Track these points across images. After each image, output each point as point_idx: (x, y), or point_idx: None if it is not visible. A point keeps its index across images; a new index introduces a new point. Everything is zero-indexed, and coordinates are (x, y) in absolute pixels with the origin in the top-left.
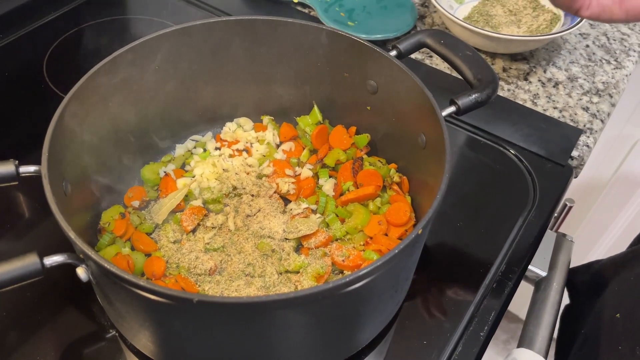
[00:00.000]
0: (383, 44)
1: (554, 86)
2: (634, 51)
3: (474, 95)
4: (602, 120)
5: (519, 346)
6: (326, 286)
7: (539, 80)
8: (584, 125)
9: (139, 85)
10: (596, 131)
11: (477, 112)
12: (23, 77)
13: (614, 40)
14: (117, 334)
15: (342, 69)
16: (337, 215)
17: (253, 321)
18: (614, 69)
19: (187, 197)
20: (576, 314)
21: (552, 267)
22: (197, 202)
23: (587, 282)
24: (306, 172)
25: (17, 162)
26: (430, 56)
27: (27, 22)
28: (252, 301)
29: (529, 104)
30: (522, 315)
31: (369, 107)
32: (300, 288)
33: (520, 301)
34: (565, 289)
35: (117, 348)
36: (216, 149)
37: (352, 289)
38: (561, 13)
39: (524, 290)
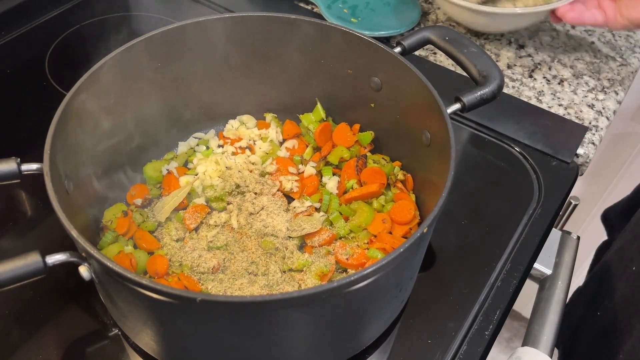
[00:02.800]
0: (387, 40)
1: (559, 83)
2: None
3: (479, 92)
4: (607, 118)
5: (523, 345)
6: (330, 285)
7: (544, 77)
8: (590, 123)
9: (141, 82)
10: (602, 128)
11: (481, 109)
12: (25, 75)
13: (620, 36)
14: (119, 333)
15: (345, 66)
16: (341, 214)
17: (256, 320)
18: (620, 65)
19: (190, 195)
20: (612, 243)
21: (557, 266)
22: (200, 200)
23: (619, 213)
24: (309, 169)
25: (19, 160)
26: (435, 53)
27: (29, 19)
28: (255, 300)
29: (533, 101)
30: (525, 313)
31: (372, 104)
32: (304, 286)
33: (524, 299)
34: (603, 226)
35: (120, 347)
36: (219, 146)
37: (356, 288)
38: None
39: (528, 288)
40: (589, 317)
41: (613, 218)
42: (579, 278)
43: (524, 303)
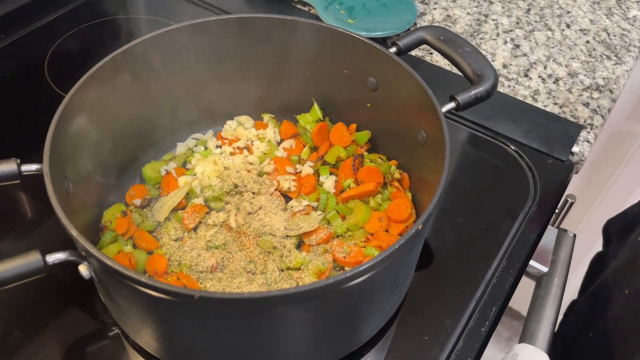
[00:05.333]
0: (383, 41)
1: (554, 82)
2: (635, 47)
3: (473, 92)
4: (602, 116)
5: (520, 341)
6: (327, 282)
7: (539, 76)
8: (585, 121)
9: (139, 83)
10: (597, 127)
11: (478, 109)
12: (25, 77)
13: (614, 35)
14: (119, 332)
15: (342, 67)
16: (338, 212)
17: (254, 317)
18: (615, 64)
19: (189, 195)
20: (607, 256)
21: (553, 263)
22: (199, 200)
23: (620, 229)
24: (307, 169)
25: (19, 160)
26: (430, 53)
27: (29, 22)
28: (253, 297)
29: (529, 100)
30: (525, 312)
31: (369, 104)
32: (302, 284)
33: (523, 298)
34: (602, 238)
35: (120, 345)
36: (217, 147)
37: (352, 285)
38: None
39: (527, 287)
40: (583, 335)
41: (612, 232)
42: (576, 276)
43: (523, 302)
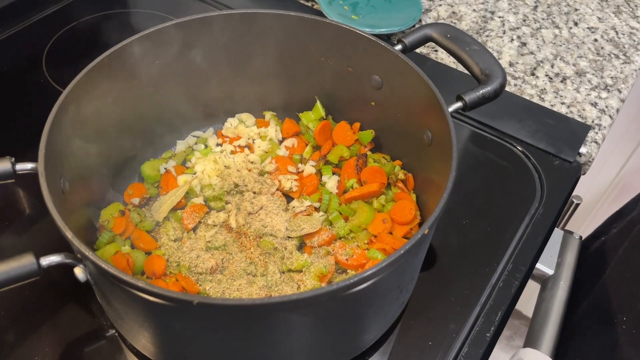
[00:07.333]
0: (388, 38)
1: (561, 81)
2: None
3: (481, 91)
4: (610, 116)
5: (525, 346)
6: (330, 288)
7: (546, 75)
8: (593, 121)
9: (138, 80)
10: (605, 127)
11: (483, 107)
12: (22, 72)
13: (623, 34)
14: (116, 334)
15: (345, 64)
16: (341, 213)
17: (254, 323)
18: (623, 63)
19: (188, 195)
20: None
21: (559, 266)
22: (198, 200)
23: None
24: (309, 169)
25: (13, 159)
26: (436, 50)
27: (26, 16)
28: (253, 303)
29: (536, 100)
30: (526, 311)
31: (373, 103)
32: (303, 287)
33: (524, 297)
34: None
35: (117, 348)
36: (217, 145)
37: (356, 290)
38: None
39: (530, 287)
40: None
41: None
42: None
43: (525, 301)
